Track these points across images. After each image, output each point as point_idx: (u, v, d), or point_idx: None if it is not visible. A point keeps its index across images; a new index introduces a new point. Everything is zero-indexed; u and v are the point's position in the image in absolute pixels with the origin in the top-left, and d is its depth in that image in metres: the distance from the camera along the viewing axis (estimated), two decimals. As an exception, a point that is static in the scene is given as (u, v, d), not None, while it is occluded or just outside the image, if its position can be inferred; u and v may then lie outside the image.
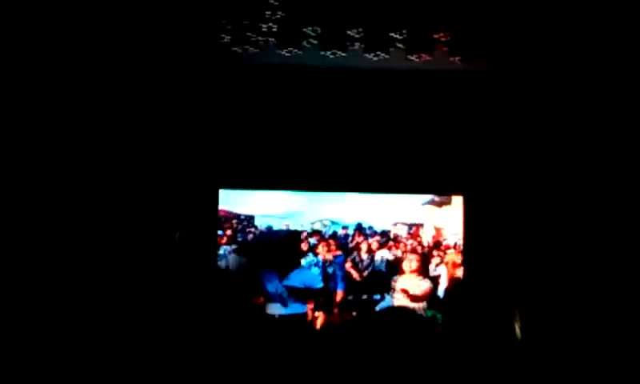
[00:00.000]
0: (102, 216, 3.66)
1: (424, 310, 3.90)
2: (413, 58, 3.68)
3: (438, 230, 4.06)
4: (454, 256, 4.00)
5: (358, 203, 4.04)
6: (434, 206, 4.10)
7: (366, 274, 4.00)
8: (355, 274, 3.98)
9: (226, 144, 3.94)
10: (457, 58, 3.69)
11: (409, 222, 4.07)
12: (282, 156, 3.98)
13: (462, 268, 3.99)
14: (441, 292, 3.94)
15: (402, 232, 4.03)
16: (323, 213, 4.03)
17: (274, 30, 3.43)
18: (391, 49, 3.60)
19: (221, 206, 3.94)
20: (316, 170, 4.00)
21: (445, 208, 4.07)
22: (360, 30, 3.51)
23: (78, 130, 3.64)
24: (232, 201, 3.97)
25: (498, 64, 3.84)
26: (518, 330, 3.53)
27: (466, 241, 4.04)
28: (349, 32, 3.50)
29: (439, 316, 3.87)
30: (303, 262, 3.96)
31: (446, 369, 2.84)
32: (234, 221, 3.95)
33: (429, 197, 4.09)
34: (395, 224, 4.06)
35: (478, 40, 3.60)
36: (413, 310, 3.84)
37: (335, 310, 3.90)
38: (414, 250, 3.99)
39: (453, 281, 3.90)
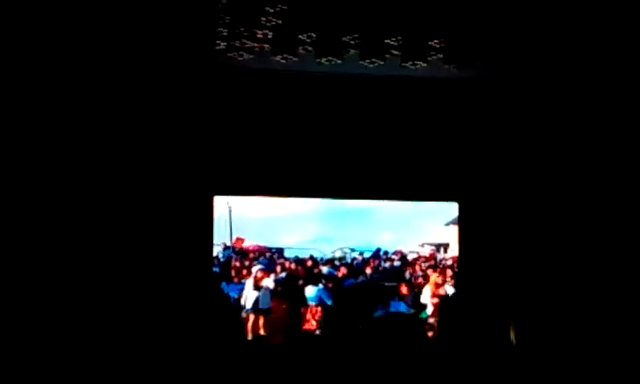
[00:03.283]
0: (97, 223, 3.64)
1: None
2: (408, 65, 3.70)
3: None
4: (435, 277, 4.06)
5: (383, 227, 4.10)
6: (457, 226, 4.09)
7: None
8: None
9: (221, 151, 3.93)
10: (452, 66, 3.71)
11: (435, 242, 4.12)
12: (276, 162, 3.97)
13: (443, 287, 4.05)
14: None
15: (426, 253, 4.12)
16: (349, 239, 4.11)
17: (270, 36, 3.45)
18: (387, 55, 3.61)
19: (253, 242, 4.07)
20: (310, 176, 3.99)
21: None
22: (355, 36, 3.51)
23: (73, 136, 3.63)
24: (263, 236, 4.08)
25: (493, 71, 3.86)
26: (513, 337, 3.53)
27: (462, 248, 4.02)
28: (344, 39, 3.51)
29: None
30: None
31: (442, 375, 2.82)
32: (267, 253, 4.09)
33: (451, 218, 4.09)
34: (422, 245, 4.11)
35: (473, 47, 3.61)
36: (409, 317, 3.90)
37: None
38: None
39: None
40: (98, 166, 3.67)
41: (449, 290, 4.02)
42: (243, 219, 4.03)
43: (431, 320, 3.90)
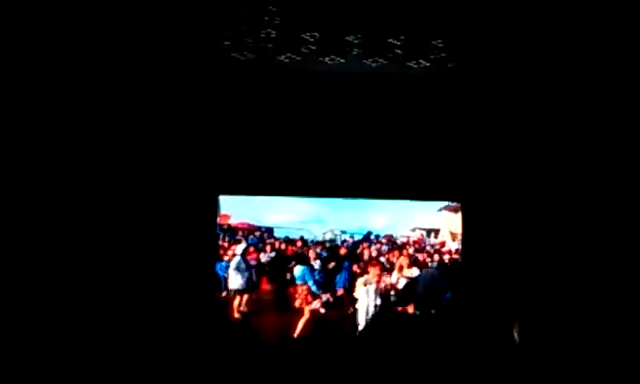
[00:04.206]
0: (103, 222, 3.68)
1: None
2: (411, 64, 3.66)
3: (453, 234, 4.14)
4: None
5: (376, 211, 4.13)
6: (449, 211, 4.13)
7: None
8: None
9: (226, 151, 3.91)
10: (455, 64, 3.68)
11: (426, 227, 4.20)
12: (280, 162, 3.96)
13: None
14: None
15: (416, 237, 4.21)
16: (342, 221, 4.16)
17: (273, 35, 3.37)
18: (389, 54, 3.57)
19: (242, 220, 4.09)
20: (315, 175, 3.99)
21: (460, 214, 4.11)
22: (358, 36, 3.45)
23: (78, 136, 3.62)
24: (253, 213, 4.10)
25: (497, 70, 3.82)
26: (516, 336, 3.68)
27: (465, 248, 4.05)
28: (347, 38, 3.45)
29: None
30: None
31: (446, 371, 2.98)
32: (257, 232, 4.14)
33: (443, 203, 4.13)
34: (414, 229, 4.19)
35: (477, 46, 3.57)
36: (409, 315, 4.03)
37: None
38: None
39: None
40: (104, 165, 3.69)
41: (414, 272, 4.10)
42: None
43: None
